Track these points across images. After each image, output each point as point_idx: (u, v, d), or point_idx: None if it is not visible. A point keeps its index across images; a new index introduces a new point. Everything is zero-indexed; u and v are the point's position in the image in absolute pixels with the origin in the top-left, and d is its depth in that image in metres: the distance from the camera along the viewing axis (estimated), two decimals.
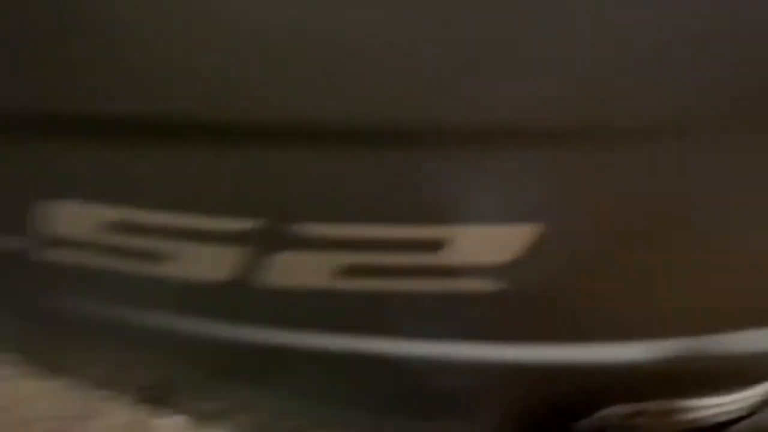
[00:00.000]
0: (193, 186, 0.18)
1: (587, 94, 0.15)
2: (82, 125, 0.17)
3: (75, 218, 0.18)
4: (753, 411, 0.25)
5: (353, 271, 0.18)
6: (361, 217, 0.17)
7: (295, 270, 0.18)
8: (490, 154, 0.16)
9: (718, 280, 0.19)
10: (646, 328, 0.20)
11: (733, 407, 0.24)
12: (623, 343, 0.20)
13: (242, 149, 0.17)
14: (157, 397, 0.26)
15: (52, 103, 0.17)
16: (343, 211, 0.17)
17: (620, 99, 0.15)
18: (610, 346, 0.20)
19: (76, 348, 0.24)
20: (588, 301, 0.19)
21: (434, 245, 0.17)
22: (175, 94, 0.16)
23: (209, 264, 0.19)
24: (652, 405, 0.22)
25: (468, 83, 0.15)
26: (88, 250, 0.19)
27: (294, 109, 0.15)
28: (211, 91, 0.16)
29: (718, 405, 0.24)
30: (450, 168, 0.16)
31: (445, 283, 0.18)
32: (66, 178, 0.18)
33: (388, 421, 0.24)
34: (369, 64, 0.15)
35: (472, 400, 0.22)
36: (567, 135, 0.15)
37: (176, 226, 0.18)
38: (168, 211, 0.18)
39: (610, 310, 0.19)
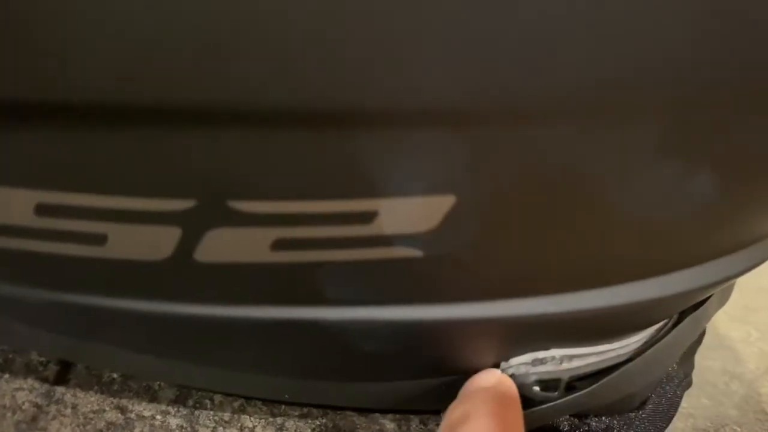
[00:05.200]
0: (121, 169, 0.18)
1: (491, 83, 0.17)
2: (10, 111, 0.17)
3: (8, 203, 0.19)
4: (632, 357, 0.29)
5: (286, 244, 0.19)
6: (290, 194, 0.18)
7: (230, 246, 0.19)
8: (406, 135, 0.18)
9: (603, 242, 0.22)
10: (545, 284, 0.22)
11: (617, 353, 0.28)
12: (527, 298, 0.22)
13: (166, 132, 0.17)
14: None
15: None
16: (272, 189, 0.18)
17: (519, 87, 0.17)
18: (516, 301, 0.22)
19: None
20: (496, 264, 0.21)
21: (363, 217, 0.19)
22: (91, 81, 0.16)
23: (146, 244, 0.19)
24: (552, 352, 0.25)
25: (381, 71, 0.16)
26: (19, 235, 0.19)
27: (216, 93, 0.16)
28: (133, 76, 0.16)
29: (606, 351, 0.27)
30: (371, 148, 0.18)
31: (372, 252, 0.20)
32: None
33: (320, 386, 0.25)
34: (286, 50, 0.15)
35: (396, 360, 0.24)
36: (473, 118, 0.17)
37: (109, 208, 0.19)
38: (101, 193, 0.19)
39: (514, 271, 0.22)
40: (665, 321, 0.30)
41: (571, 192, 0.19)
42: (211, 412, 0.28)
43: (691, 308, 0.30)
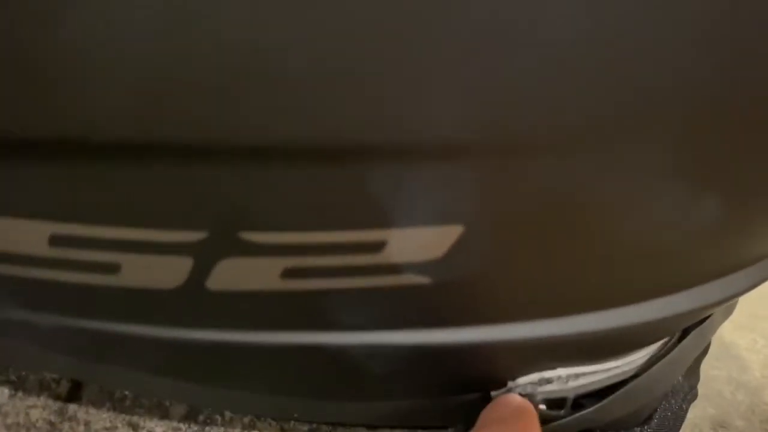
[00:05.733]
0: (134, 201, 0.18)
1: (493, 118, 0.17)
2: (26, 146, 0.18)
3: (22, 234, 0.19)
4: (638, 373, 0.29)
5: (297, 273, 0.20)
6: (301, 225, 0.19)
7: (241, 275, 0.20)
8: (414, 168, 0.18)
9: (607, 266, 0.22)
10: (549, 307, 0.23)
11: (622, 369, 0.28)
12: (532, 321, 0.23)
13: (178, 167, 0.18)
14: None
15: None
16: (282, 221, 0.19)
17: (521, 121, 0.17)
18: (521, 324, 0.23)
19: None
20: (502, 289, 0.22)
21: (372, 247, 0.19)
22: (106, 120, 0.16)
23: (159, 273, 0.20)
24: (558, 372, 0.26)
25: (393, 109, 0.16)
26: (33, 264, 0.20)
27: (227, 131, 0.16)
28: (147, 116, 0.16)
29: (611, 368, 0.28)
30: (380, 180, 0.18)
31: (381, 280, 0.20)
32: (10, 195, 0.19)
33: (331, 405, 0.26)
34: (296, 88, 0.16)
35: (405, 380, 0.25)
36: (478, 152, 0.18)
37: (122, 239, 0.19)
38: (114, 225, 0.19)
39: (519, 295, 0.22)
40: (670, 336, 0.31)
41: (575, 220, 0.20)
42: (222, 428, 0.29)
43: (696, 323, 0.31)
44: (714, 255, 0.24)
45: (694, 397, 0.35)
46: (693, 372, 0.35)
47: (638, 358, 0.29)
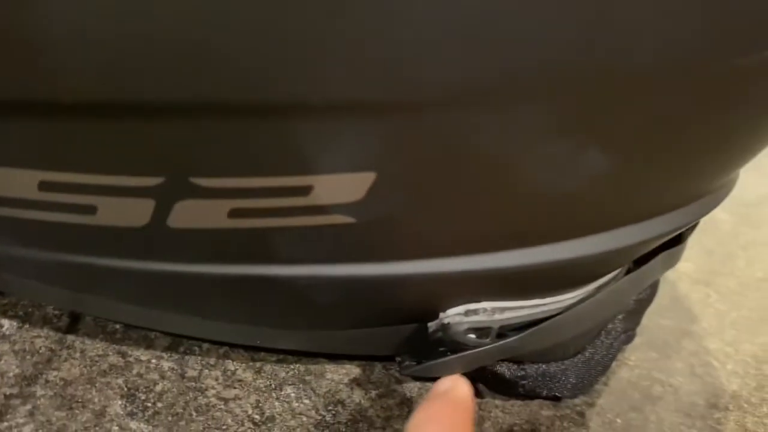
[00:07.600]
0: (105, 153, 0.23)
1: (394, 76, 0.20)
2: (17, 108, 0.22)
3: (17, 181, 0.23)
4: (563, 311, 0.32)
5: (242, 213, 0.24)
6: (240, 172, 0.23)
7: (195, 214, 0.24)
8: (331, 122, 0.21)
9: (516, 211, 0.25)
10: (468, 245, 0.26)
11: (549, 308, 0.32)
12: (454, 257, 0.27)
13: (139, 123, 0.21)
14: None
15: None
16: (225, 168, 0.23)
17: (420, 81, 0.20)
18: (443, 259, 0.26)
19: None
20: (421, 227, 0.25)
21: (301, 191, 0.23)
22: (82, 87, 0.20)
23: (128, 213, 0.24)
24: (483, 305, 0.29)
25: (308, 72, 0.19)
26: (26, 207, 0.24)
27: (179, 93, 0.20)
28: (114, 82, 0.20)
29: (537, 305, 0.31)
30: (304, 133, 0.22)
31: (314, 219, 0.24)
32: (6, 148, 0.23)
33: (287, 333, 0.30)
34: (232, 51, 0.19)
35: (348, 311, 0.29)
36: (384, 107, 0.21)
37: (97, 184, 0.23)
38: (90, 173, 0.23)
39: (437, 233, 0.26)
40: (607, 279, 0.34)
41: (477, 170, 0.23)
42: (199, 357, 0.33)
43: (634, 267, 0.34)
44: (632, 199, 0.27)
45: (629, 339, 0.38)
46: (633, 316, 0.38)
47: (567, 298, 0.32)
